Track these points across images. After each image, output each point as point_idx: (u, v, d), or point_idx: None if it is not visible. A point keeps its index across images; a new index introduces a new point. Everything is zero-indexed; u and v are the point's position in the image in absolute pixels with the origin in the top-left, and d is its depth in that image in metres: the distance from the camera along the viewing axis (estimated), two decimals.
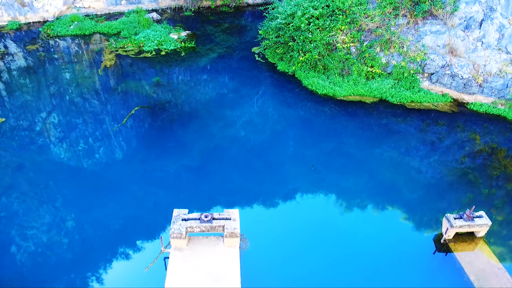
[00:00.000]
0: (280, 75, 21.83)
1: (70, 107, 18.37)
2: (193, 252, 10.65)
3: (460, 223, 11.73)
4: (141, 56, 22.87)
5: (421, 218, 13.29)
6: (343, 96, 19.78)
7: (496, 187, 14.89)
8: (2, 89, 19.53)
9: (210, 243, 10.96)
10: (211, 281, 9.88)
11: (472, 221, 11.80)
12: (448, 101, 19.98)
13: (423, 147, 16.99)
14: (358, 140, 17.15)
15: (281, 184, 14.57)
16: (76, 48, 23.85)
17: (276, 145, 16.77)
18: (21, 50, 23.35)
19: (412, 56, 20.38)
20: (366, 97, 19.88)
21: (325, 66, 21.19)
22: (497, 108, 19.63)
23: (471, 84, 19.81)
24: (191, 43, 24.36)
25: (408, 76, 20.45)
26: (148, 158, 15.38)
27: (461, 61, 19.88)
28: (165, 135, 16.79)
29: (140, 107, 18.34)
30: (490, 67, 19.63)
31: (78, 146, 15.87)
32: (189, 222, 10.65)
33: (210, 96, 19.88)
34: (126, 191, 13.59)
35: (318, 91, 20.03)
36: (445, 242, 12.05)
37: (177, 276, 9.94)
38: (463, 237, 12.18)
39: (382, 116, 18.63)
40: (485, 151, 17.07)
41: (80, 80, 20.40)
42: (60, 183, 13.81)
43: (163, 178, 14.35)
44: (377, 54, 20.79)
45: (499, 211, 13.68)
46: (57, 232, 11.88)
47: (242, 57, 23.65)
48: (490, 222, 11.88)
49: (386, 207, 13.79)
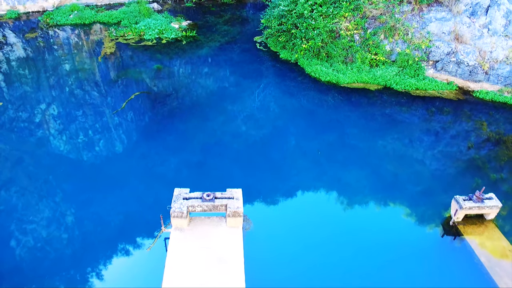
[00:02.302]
0: (283, 63, 21.49)
1: (72, 91, 18.05)
2: (194, 232, 10.30)
3: (470, 205, 11.38)
4: (142, 44, 22.55)
5: (429, 203, 12.93)
6: (347, 83, 19.44)
7: (505, 172, 14.55)
8: (5, 73, 19.23)
9: (212, 223, 10.61)
10: (213, 261, 9.53)
11: (482, 202, 11.44)
12: (453, 89, 19.62)
13: (429, 136, 16.64)
14: (364, 120, 16.82)
15: (285, 168, 14.22)
16: (76, 36, 23.54)
17: (278, 130, 16.44)
18: (20, 39, 23.04)
19: (417, 44, 20.03)
20: (370, 84, 19.53)
21: (328, 54, 20.85)
22: (503, 96, 19.26)
23: (477, 72, 19.46)
24: (192, 32, 24.05)
25: (413, 64, 20.11)
26: (151, 137, 15.10)
27: (466, 48, 19.53)
28: (169, 115, 16.46)
29: (140, 93, 18.02)
30: (496, 54, 19.28)
31: (83, 123, 15.62)
32: (190, 201, 10.30)
33: (210, 84, 19.54)
34: (127, 171, 13.29)
35: (321, 78, 19.69)
36: (454, 225, 11.69)
37: (177, 257, 9.59)
38: (472, 220, 11.82)
39: (386, 105, 18.29)
40: (492, 138, 16.71)
41: (80, 67, 20.08)
42: (63, 156, 13.60)
43: (165, 158, 14.06)
44: (381, 42, 20.45)
45: (508, 195, 13.33)
46: (57, 214, 11.55)
47: (244, 46, 23.32)
48: (500, 204, 11.53)
49: (394, 192, 13.43)
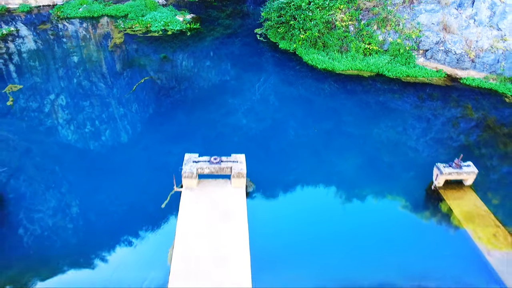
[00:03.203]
0: (282, 53, 22.78)
1: (88, 76, 19.34)
2: (202, 191, 11.57)
3: (449, 171, 12.66)
4: (149, 35, 23.85)
5: (415, 174, 14.19)
6: (342, 70, 20.74)
7: (486, 148, 15.83)
8: (25, 58, 20.49)
9: (218, 185, 11.89)
10: (220, 214, 10.80)
11: (460, 168, 12.73)
12: (442, 76, 20.92)
13: (420, 121, 17.91)
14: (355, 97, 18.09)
15: (284, 137, 15.52)
16: (86, 28, 24.83)
17: (280, 103, 17.72)
18: (32, 31, 24.31)
19: (408, 34, 21.35)
20: (364, 71, 20.83)
21: (325, 44, 22.16)
22: (488, 83, 20.55)
23: (464, 60, 20.77)
24: (196, 25, 25.35)
25: (404, 53, 21.41)
26: (161, 110, 16.72)
27: (454, 38, 20.86)
28: (177, 93, 17.75)
29: (149, 77, 19.31)
30: (482, 43, 20.60)
31: (103, 99, 17.17)
32: (199, 163, 11.57)
33: (213, 70, 20.83)
34: (142, 139, 14.82)
35: (318, 66, 20.99)
36: (436, 189, 12.97)
37: (188, 211, 10.85)
38: (452, 185, 13.09)
39: (379, 93, 19.57)
40: (477, 120, 17.99)
41: (92, 55, 21.37)
42: (95, 120, 15.17)
43: (175, 127, 15.65)
44: (374, 32, 21.76)
45: (486, 164, 14.62)
46: (90, 168, 12.77)
47: (245, 38, 24.61)
48: (476, 170, 12.81)
49: (384, 162, 14.69)
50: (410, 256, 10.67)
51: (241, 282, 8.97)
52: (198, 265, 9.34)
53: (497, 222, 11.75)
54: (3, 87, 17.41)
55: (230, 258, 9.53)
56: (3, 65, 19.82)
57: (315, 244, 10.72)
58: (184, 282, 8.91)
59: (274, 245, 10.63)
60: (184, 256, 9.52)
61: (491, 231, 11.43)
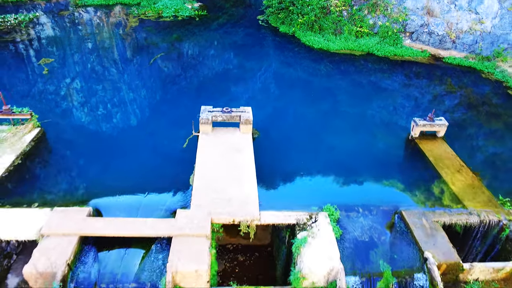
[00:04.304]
0: (282, 36, 25.15)
1: (111, 53, 21.70)
2: (216, 135, 13.89)
3: (424, 123, 14.99)
4: (161, 20, 26.22)
5: (395, 126, 16.55)
6: (336, 50, 23.10)
7: (459, 110, 18.18)
8: (52, 37, 22.82)
9: (229, 131, 14.19)
10: (231, 151, 13.11)
11: (433, 121, 15.05)
12: (426, 56, 23.29)
13: (407, 88, 20.26)
14: None
15: (281, 95, 17.96)
16: (103, 13, 27.21)
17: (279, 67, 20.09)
18: (55, 15, 26.64)
19: (395, 17, 23.72)
20: (356, 51, 23.20)
21: (321, 27, 24.52)
22: (468, 61, 22.93)
23: (445, 40, 23.13)
24: (204, 12, 27.71)
25: (392, 35, 23.78)
26: (178, 76, 19.27)
27: (437, 21, 23.21)
28: (192, 62, 20.14)
29: (164, 53, 21.69)
30: (461, 25, 22.97)
31: (131, 69, 19.50)
32: (213, 112, 13.90)
33: (221, 48, 23.19)
34: (162, 97, 17.49)
35: (314, 46, 23.37)
36: (412, 139, 15.29)
37: (205, 150, 13.16)
38: (426, 136, 15.41)
39: (370, 72, 21.93)
40: (457, 91, 20.32)
41: (111, 36, 23.74)
42: (129, 81, 17.61)
43: (190, 86, 18.50)
44: (365, 16, 24.12)
45: (458, 121, 16.98)
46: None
47: (249, 23, 27.01)
48: (447, 123, 15.13)
49: (371, 117, 17.04)
50: (391, 182, 13.04)
51: (249, 193, 11.29)
52: (215, 183, 11.64)
53: (461, 163, 14.07)
54: (38, 60, 19.76)
55: (240, 179, 11.84)
56: (35, 43, 22.18)
57: (308, 171, 13.11)
58: (204, 195, 11.22)
59: (275, 170, 13.04)
60: (204, 177, 11.83)
61: (456, 168, 13.76)
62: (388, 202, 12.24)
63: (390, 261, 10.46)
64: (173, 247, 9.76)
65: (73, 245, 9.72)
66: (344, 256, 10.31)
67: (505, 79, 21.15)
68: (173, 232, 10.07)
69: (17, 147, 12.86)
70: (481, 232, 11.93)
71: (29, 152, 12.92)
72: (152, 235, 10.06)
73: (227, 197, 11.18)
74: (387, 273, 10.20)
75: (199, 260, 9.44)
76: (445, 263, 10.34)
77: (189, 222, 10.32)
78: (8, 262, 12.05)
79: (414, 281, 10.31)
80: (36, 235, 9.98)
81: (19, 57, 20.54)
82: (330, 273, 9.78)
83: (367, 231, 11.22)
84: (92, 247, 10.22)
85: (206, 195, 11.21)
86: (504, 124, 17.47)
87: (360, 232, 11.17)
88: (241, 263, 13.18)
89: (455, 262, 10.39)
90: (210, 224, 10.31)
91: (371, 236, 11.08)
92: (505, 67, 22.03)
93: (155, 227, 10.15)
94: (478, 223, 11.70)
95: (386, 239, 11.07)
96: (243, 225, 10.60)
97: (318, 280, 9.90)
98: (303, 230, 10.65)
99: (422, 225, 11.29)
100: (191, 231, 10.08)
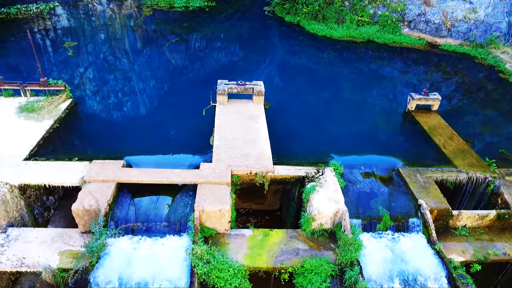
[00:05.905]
0: (288, 26, 26.63)
1: (129, 37, 23.21)
2: (232, 105, 15.35)
3: (419, 97, 16.45)
4: (173, 10, 27.72)
5: (395, 102, 18.01)
6: (338, 37, 24.58)
7: (454, 90, 19.66)
8: (72, 23, 24.30)
9: (243, 103, 15.65)
10: (246, 117, 14.57)
11: (428, 96, 16.52)
12: (423, 43, 24.75)
13: (404, 67, 21.73)
14: None
15: (289, 69, 19.47)
16: (117, 3, 28.70)
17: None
18: (68, 9, 28.14)
19: (394, 7, 25.19)
20: (357, 38, 24.67)
21: (324, 16, 26.00)
22: (463, 48, 24.40)
23: (441, 29, 24.60)
24: (213, 3, 29.20)
25: (391, 23, 25.25)
26: (194, 56, 20.90)
27: (433, 10, 24.69)
28: (204, 45, 21.64)
29: (176, 40, 23.20)
30: (456, 14, 24.44)
31: (148, 51, 20.99)
32: (229, 85, 15.37)
33: (230, 34, 24.69)
34: (184, 72, 19.12)
35: (318, 33, 24.85)
36: (409, 112, 16.75)
37: (222, 115, 14.61)
38: (422, 110, 16.87)
39: (370, 58, 23.41)
40: (452, 74, 21.79)
41: (128, 23, 25.24)
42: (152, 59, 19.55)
43: (204, 64, 20.18)
44: (366, 6, 25.60)
45: (450, 97, 18.45)
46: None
47: (256, 13, 28.52)
48: (440, 97, 16.59)
49: (371, 93, 18.51)
50: (390, 147, 14.53)
51: (264, 151, 12.76)
52: (233, 142, 13.09)
53: (453, 132, 15.52)
54: (63, 43, 21.29)
55: (255, 140, 13.29)
56: (58, 29, 23.69)
57: (315, 135, 14.64)
58: (224, 152, 12.68)
59: (285, 134, 14.54)
60: (222, 138, 13.29)
61: (448, 136, 15.21)
62: (387, 162, 13.70)
63: (389, 208, 11.90)
64: (199, 191, 11.21)
65: (111, 189, 11.18)
66: (348, 203, 11.73)
67: (497, 64, 22.60)
68: (199, 179, 11.52)
69: (54, 114, 14.33)
70: (469, 188, 13.37)
71: (65, 118, 14.40)
72: (180, 181, 11.52)
73: (244, 153, 12.64)
74: (386, 217, 11.64)
75: (222, 201, 10.89)
76: (436, 209, 11.79)
77: (212, 172, 11.78)
78: (48, 215, 13.55)
79: (409, 223, 11.77)
80: (79, 182, 11.44)
81: (46, 40, 22.03)
82: (336, 214, 11.23)
83: (368, 184, 12.68)
84: (128, 193, 11.68)
85: (226, 152, 12.66)
86: (494, 101, 18.95)
87: (362, 185, 12.62)
88: (253, 225, 14.60)
89: (445, 208, 11.83)
90: (230, 174, 11.76)
91: (372, 188, 12.53)
92: (497, 53, 23.49)
93: (182, 175, 11.61)
94: (467, 180, 13.14)
95: (385, 191, 12.51)
96: (258, 176, 12.05)
97: (325, 222, 11.34)
98: (311, 181, 12.09)
99: (417, 180, 12.75)
100: (214, 179, 11.53)
